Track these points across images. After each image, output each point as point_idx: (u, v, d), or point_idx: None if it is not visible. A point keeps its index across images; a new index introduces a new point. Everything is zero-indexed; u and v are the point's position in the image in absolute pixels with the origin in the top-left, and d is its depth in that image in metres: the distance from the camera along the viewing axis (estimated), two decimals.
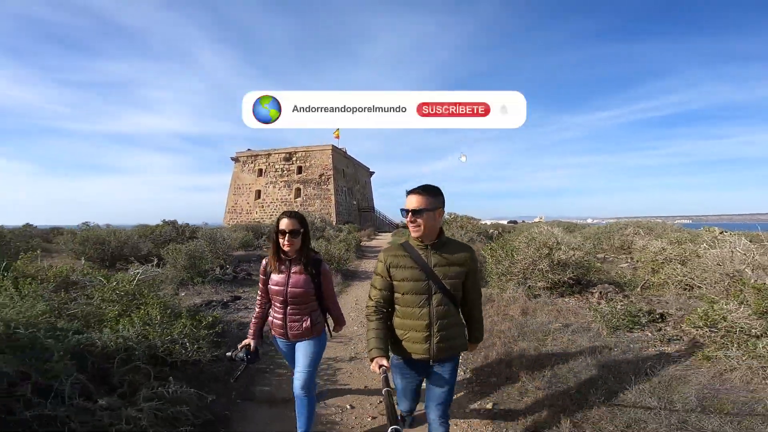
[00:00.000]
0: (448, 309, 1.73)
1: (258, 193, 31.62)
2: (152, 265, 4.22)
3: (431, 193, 1.70)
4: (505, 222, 33.75)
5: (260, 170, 31.94)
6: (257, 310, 2.23)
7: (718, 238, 5.77)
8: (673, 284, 4.90)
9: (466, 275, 1.77)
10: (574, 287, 5.46)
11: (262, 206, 31.06)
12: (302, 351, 2.11)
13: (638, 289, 5.54)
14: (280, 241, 2.04)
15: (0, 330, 1.87)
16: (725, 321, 2.78)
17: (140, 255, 8.28)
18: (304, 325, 2.10)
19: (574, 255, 5.77)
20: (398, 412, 1.89)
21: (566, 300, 5.01)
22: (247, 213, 31.10)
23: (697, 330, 3.01)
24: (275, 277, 2.10)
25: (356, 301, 6.05)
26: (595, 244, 11.60)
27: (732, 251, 4.01)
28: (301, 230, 2.06)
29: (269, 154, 31.99)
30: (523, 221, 36.51)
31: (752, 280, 3.72)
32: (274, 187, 31.19)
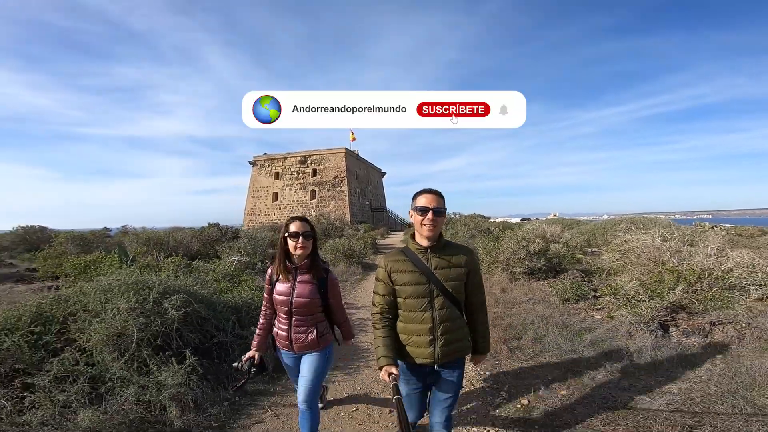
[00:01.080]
0: (451, 311, 1.73)
1: (275, 196, 33.56)
2: (238, 258, 5.85)
3: (442, 196, 1.76)
4: (518, 219, 34.72)
5: (277, 173, 33.88)
6: (261, 320, 2.16)
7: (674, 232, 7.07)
8: (627, 270, 6.24)
9: (467, 276, 1.78)
10: (549, 273, 6.85)
11: (279, 208, 32.99)
12: (307, 363, 2.06)
13: (603, 275, 6.89)
14: (291, 244, 1.97)
15: (186, 295, 3.45)
16: (623, 291, 4.19)
17: (192, 252, 10.02)
18: (309, 337, 2.03)
19: (550, 247, 7.18)
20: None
21: (540, 283, 6.41)
22: (266, 215, 33.06)
23: (608, 298, 4.42)
24: (280, 286, 2.03)
25: (378, 265, 7.62)
26: (589, 239, 12.90)
27: (653, 242, 5.36)
28: (312, 233, 2.02)
29: (285, 158, 33.89)
30: (537, 218, 37.36)
31: (670, 264, 5.07)
32: (291, 189, 33.05)
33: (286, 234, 1.98)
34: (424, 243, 1.75)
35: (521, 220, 34.22)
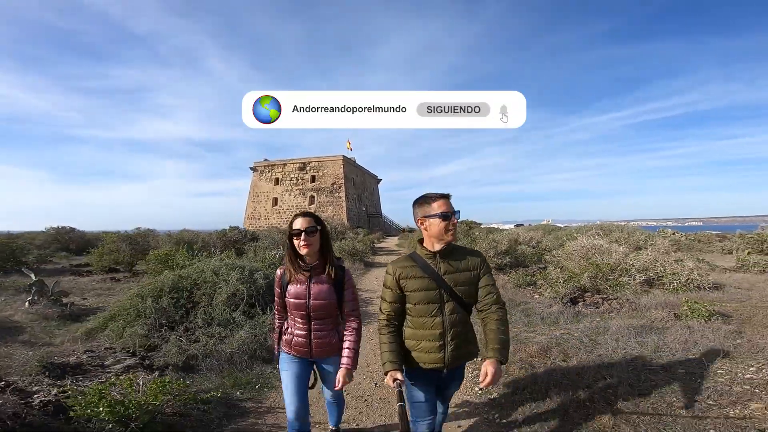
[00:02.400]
0: (461, 317, 1.75)
1: (275, 200, 35.27)
2: (279, 252, 7.67)
3: None
4: (511, 226, 36.75)
5: (277, 179, 35.62)
6: (278, 322, 2.08)
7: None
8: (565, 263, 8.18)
9: (478, 280, 1.77)
10: (515, 267, 8.77)
11: (279, 212, 34.68)
12: (334, 368, 1.95)
13: (559, 270, 8.83)
14: (296, 243, 1.87)
15: (246, 272, 5.24)
16: (551, 277, 6.13)
17: (217, 251, 11.77)
18: (332, 341, 1.96)
19: (517, 248, 9.13)
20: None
21: (504, 275, 8.33)
22: (265, 219, 34.72)
23: (544, 282, 6.35)
24: (293, 288, 1.92)
25: (376, 278, 9.40)
26: (562, 242, 14.98)
27: (585, 243, 7.32)
28: (318, 228, 1.89)
29: (285, 164, 35.67)
30: (529, 224, 39.41)
31: (594, 259, 7.01)
32: (290, 194, 34.80)
33: (291, 232, 1.88)
34: (434, 248, 1.75)
35: (515, 226, 36.27)
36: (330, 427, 2.37)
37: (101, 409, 2.00)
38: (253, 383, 3.24)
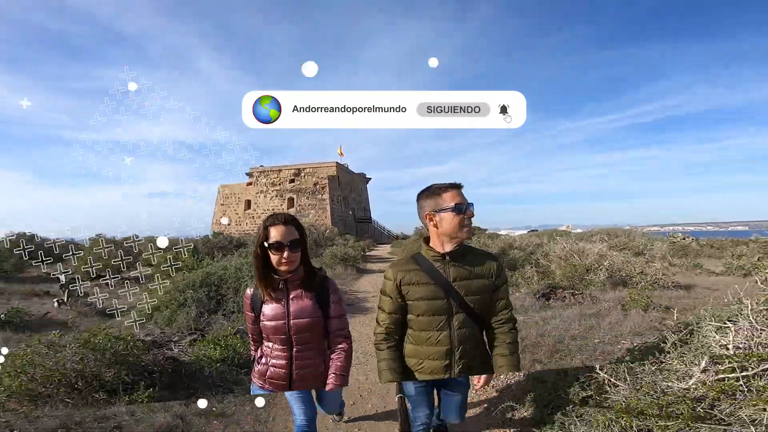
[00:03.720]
0: (471, 332, 1.73)
1: (248, 203, 36.60)
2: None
3: None
4: (524, 231, 38.72)
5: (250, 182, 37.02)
6: (253, 353, 1.97)
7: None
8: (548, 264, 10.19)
9: (493, 290, 1.75)
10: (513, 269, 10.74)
11: (252, 217, 35.97)
12: (327, 398, 2.08)
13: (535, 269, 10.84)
14: (275, 258, 1.72)
15: None
16: (527, 275, 8.11)
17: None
18: (318, 370, 1.86)
19: (509, 252, 11.10)
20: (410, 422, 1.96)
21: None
22: (236, 224, 35.98)
23: (522, 280, 8.31)
24: (269, 309, 1.79)
25: (369, 282, 11.17)
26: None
27: (565, 246, 9.34)
28: (302, 239, 1.78)
29: (280, 170, 36.79)
30: (544, 230, 41.29)
31: (572, 260, 9.00)
32: (265, 196, 36.16)
33: (266, 243, 1.72)
34: (444, 248, 1.71)
35: (528, 232, 37.92)
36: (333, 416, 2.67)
37: (216, 351, 3.75)
38: None
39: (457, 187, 1.75)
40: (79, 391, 3.13)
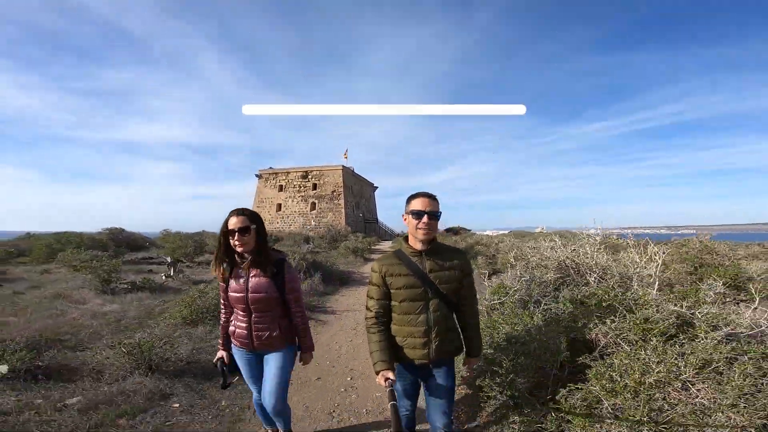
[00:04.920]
0: (445, 314, 1.96)
1: (279, 206, 40.65)
2: (309, 246, 13.00)
3: (437, 200, 1.95)
4: (505, 232, 42.29)
5: (280, 186, 41.07)
6: (223, 318, 2.32)
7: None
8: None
9: (461, 279, 2.00)
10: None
11: (282, 217, 40.07)
12: (273, 364, 2.20)
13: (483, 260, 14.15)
14: (231, 242, 2.10)
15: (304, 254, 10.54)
16: (479, 262, 11.55)
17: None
18: (273, 334, 2.18)
19: (476, 247, 14.48)
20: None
21: None
22: (269, 223, 40.03)
23: (474, 265, 11.80)
24: (234, 283, 2.16)
25: (372, 269, 14.73)
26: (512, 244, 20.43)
27: (511, 241, 12.71)
28: (252, 227, 2.11)
29: (288, 172, 41.12)
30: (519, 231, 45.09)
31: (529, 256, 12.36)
32: (293, 201, 40.21)
33: (224, 230, 2.09)
34: (418, 246, 1.95)
35: (509, 232, 41.81)
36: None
37: None
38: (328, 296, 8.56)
39: (425, 195, 1.92)
40: (215, 318, 5.44)
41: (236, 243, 2.07)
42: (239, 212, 2.12)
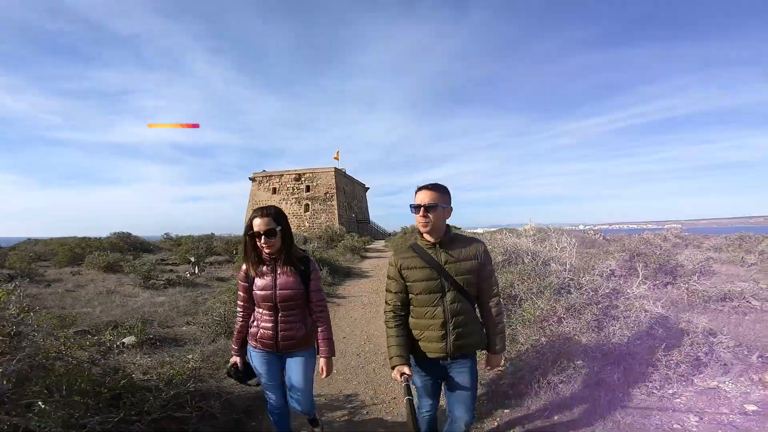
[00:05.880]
0: (462, 306, 1.92)
1: None
2: (313, 246, 14.50)
3: (441, 190, 1.92)
4: (495, 229, 44.28)
5: (274, 188, 42.25)
6: (240, 321, 2.22)
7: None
8: None
9: (479, 269, 1.95)
10: None
11: None
12: (299, 366, 2.14)
13: None
14: (258, 244, 2.05)
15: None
16: None
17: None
18: (299, 334, 2.12)
19: None
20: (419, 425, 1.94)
21: None
22: None
23: None
24: (260, 281, 2.10)
25: (369, 263, 16.16)
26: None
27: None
28: (278, 228, 2.04)
29: (281, 175, 42.32)
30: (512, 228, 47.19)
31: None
32: (287, 203, 41.42)
33: (250, 232, 2.04)
34: (432, 238, 1.93)
35: (499, 229, 43.76)
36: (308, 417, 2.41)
37: None
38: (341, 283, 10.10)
39: (423, 188, 1.92)
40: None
41: (263, 246, 2.04)
42: (264, 212, 2.06)
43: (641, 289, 4.14)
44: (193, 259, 12.87)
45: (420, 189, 1.93)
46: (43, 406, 2.04)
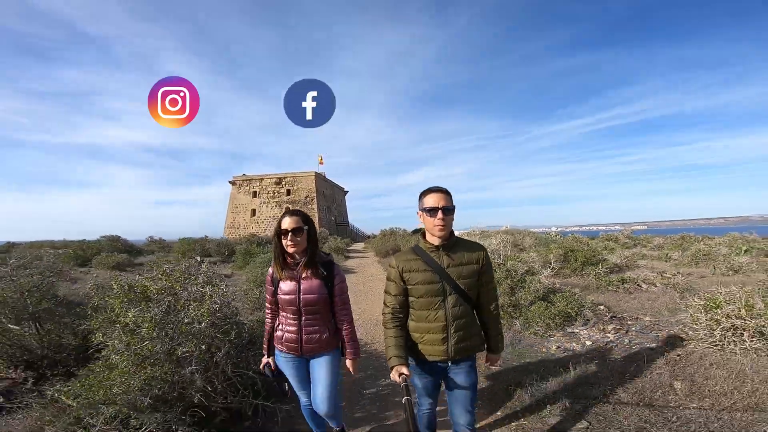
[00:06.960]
0: (464, 309, 1.91)
1: (253, 212, 42.56)
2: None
3: (449, 193, 1.91)
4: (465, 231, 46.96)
5: (254, 192, 43.03)
6: (268, 323, 2.28)
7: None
8: None
9: (480, 274, 1.94)
10: None
11: (257, 222, 42.02)
12: (324, 369, 2.15)
13: None
14: (284, 242, 2.09)
15: None
16: None
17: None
18: (323, 337, 2.14)
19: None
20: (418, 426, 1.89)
21: None
22: (245, 228, 41.82)
23: None
24: (285, 285, 2.12)
25: (353, 262, 17.87)
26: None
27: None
28: (305, 227, 2.09)
29: (262, 179, 43.19)
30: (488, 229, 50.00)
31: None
32: (267, 206, 42.31)
33: (278, 231, 2.09)
34: (436, 241, 1.90)
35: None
36: (335, 429, 2.36)
37: None
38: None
39: (435, 191, 1.88)
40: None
41: (289, 243, 2.07)
42: (293, 213, 2.14)
43: (547, 272, 6.07)
44: (198, 257, 14.18)
45: (431, 191, 1.91)
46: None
